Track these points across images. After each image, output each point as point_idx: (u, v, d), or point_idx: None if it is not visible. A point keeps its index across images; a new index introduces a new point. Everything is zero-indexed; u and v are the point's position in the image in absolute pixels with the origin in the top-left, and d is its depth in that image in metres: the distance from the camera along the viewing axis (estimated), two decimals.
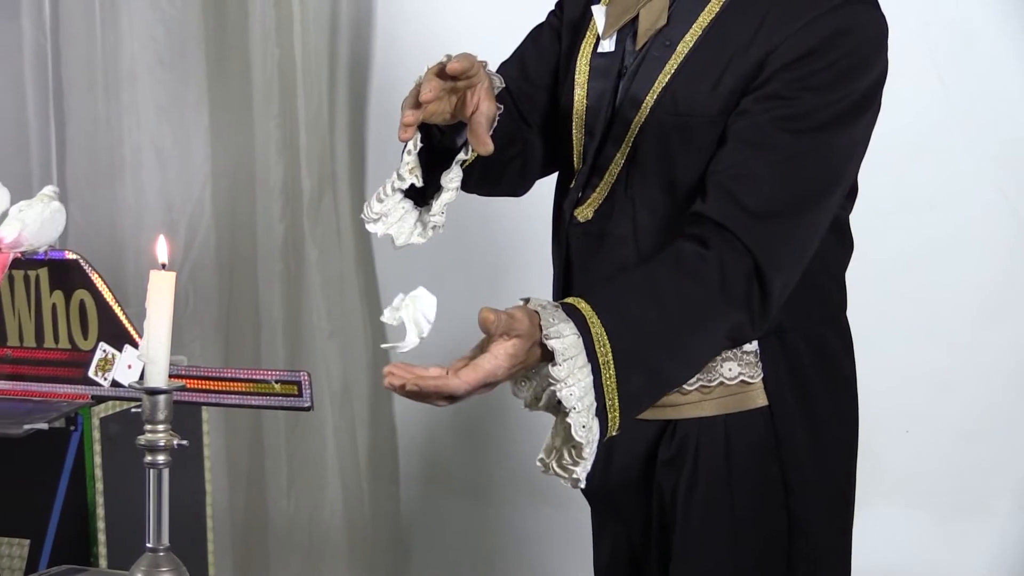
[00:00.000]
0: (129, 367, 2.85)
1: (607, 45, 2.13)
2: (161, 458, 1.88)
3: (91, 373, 2.88)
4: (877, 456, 3.35)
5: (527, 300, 1.80)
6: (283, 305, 3.76)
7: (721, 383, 2.08)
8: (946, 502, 3.32)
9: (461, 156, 2.05)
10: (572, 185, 2.15)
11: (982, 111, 3.22)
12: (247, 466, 3.84)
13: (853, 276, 2.21)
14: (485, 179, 2.19)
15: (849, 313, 2.22)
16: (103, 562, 2.83)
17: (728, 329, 1.91)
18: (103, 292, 2.87)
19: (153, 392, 1.87)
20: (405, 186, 2.07)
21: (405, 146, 2.04)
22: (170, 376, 1.88)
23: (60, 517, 2.85)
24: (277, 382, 2.72)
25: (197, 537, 3.03)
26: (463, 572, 3.84)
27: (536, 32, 2.31)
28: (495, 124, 2.01)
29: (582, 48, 2.16)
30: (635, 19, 2.10)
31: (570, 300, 1.84)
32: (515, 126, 2.22)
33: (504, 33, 3.55)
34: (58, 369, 2.92)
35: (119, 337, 2.86)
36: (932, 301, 3.28)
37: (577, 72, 2.15)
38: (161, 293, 1.86)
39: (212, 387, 2.76)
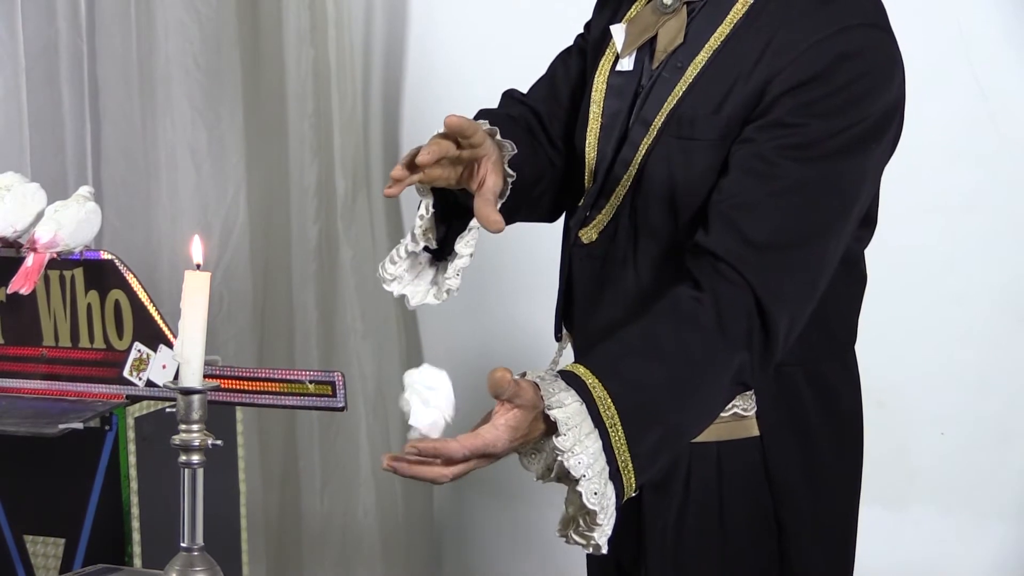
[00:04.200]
0: (164, 367, 2.85)
1: (626, 64, 2.10)
2: (195, 458, 1.89)
3: (126, 373, 2.89)
4: (912, 459, 3.34)
5: (524, 374, 1.78)
6: (317, 305, 3.77)
7: None
8: (981, 504, 3.30)
9: (476, 223, 1.99)
10: (580, 204, 2.12)
11: (1019, 114, 3.21)
12: (281, 466, 3.85)
13: (890, 280, 2.19)
14: (517, 214, 2.17)
15: (886, 317, 2.18)
16: (137, 561, 2.83)
17: (733, 373, 1.85)
18: (138, 292, 2.88)
19: (187, 392, 1.87)
20: (419, 248, 2.06)
21: (418, 207, 2.03)
22: (204, 376, 1.88)
23: (95, 516, 2.86)
24: (311, 382, 2.72)
25: (231, 537, 3.03)
26: (495, 573, 3.84)
27: (565, 53, 2.29)
28: (505, 197, 1.98)
29: (600, 66, 2.13)
30: (654, 38, 2.07)
31: (568, 367, 1.81)
32: (543, 161, 2.20)
33: (536, 32, 3.55)
34: (93, 369, 2.93)
35: (154, 337, 2.87)
36: (969, 303, 3.27)
37: (594, 90, 2.13)
38: (196, 293, 1.86)
39: (246, 387, 2.76)
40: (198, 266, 1.88)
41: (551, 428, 1.75)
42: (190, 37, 3.82)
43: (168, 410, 1.93)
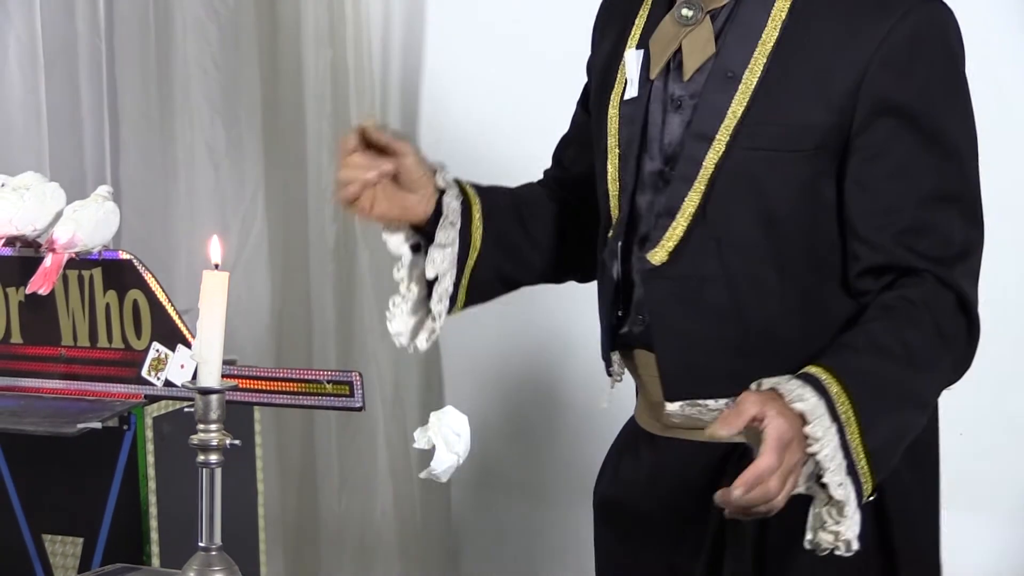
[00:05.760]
0: (182, 367, 2.86)
1: (632, 91, 2.06)
2: (213, 458, 1.89)
3: (144, 373, 2.90)
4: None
5: (760, 384, 1.80)
6: (335, 306, 3.77)
7: None
8: (1001, 504, 3.29)
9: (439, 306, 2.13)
10: (611, 235, 2.08)
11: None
12: (298, 466, 3.85)
13: None
14: (572, 273, 2.21)
15: None
16: (155, 561, 2.84)
17: (952, 364, 1.91)
18: (156, 292, 2.88)
19: (206, 392, 1.87)
20: (408, 305, 2.13)
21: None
22: (222, 376, 1.88)
23: (113, 516, 2.87)
24: (329, 382, 2.72)
25: (249, 537, 3.03)
26: (513, 574, 3.83)
27: (582, 98, 2.26)
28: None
29: (612, 98, 2.10)
30: (676, 52, 2.03)
31: (804, 370, 1.82)
32: (532, 255, 2.22)
33: (555, 33, 3.54)
34: (111, 369, 2.93)
35: (172, 337, 2.87)
36: (992, 303, 3.26)
37: (608, 121, 2.09)
38: (214, 293, 1.86)
39: (264, 387, 2.77)
40: (216, 266, 1.88)
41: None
42: (208, 37, 3.82)
43: (186, 410, 1.93)
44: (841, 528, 1.79)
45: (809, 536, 1.82)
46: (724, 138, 1.96)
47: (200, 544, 1.91)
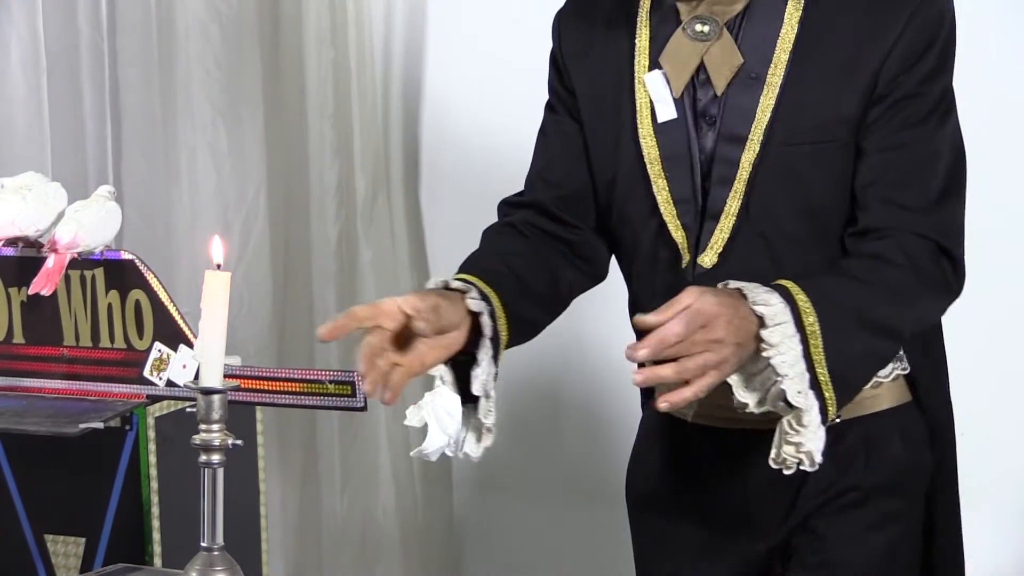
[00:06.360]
0: (184, 367, 2.86)
1: (665, 113, 2.06)
2: (215, 458, 1.89)
3: (146, 373, 2.90)
4: None
5: (726, 284, 1.83)
6: (337, 306, 3.77)
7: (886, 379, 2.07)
8: (1000, 504, 3.29)
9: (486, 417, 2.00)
10: (684, 263, 2.06)
11: None
12: (300, 466, 3.85)
13: None
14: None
15: None
16: (158, 561, 2.84)
17: (931, 301, 1.98)
18: (158, 292, 2.88)
19: (208, 392, 1.87)
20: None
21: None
22: (224, 376, 1.88)
23: (115, 516, 2.87)
24: (331, 382, 2.72)
25: (251, 537, 3.04)
26: (515, 574, 3.83)
27: (558, 115, 2.20)
28: (507, 316, 2.02)
29: (640, 121, 2.08)
30: (699, 68, 2.04)
31: (774, 281, 1.85)
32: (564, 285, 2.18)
33: None
34: (113, 369, 2.94)
35: (174, 337, 2.87)
36: (993, 302, 3.26)
37: (641, 145, 2.07)
38: (216, 293, 1.86)
39: (266, 387, 2.77)
40: (218, 266, 1.89)
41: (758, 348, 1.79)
42: (211, 37, 3.82)
43: (188, 410, 1.93)
44: (802, 439, 1.81)
45: (773, 453, 1.84)
46: (757, 137, 2.00)
47: (202, 544, 1.91)
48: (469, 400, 1.99)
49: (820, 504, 2.07)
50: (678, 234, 2.05)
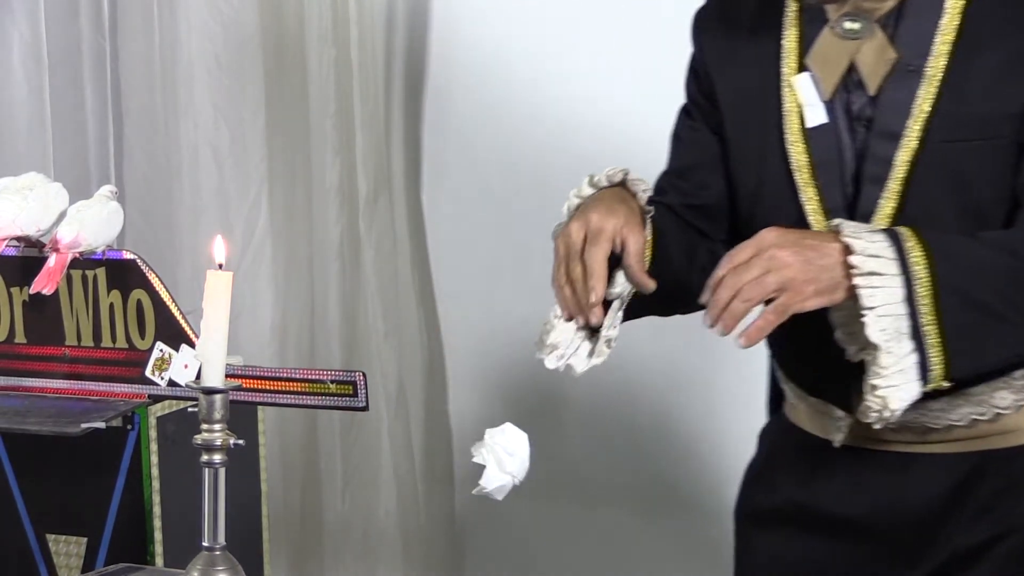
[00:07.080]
0: (186, 367, 2.85)
1: (815, 117, 1.97)
2: (217, 457, 1.89)
3: (148, 373, 2.89)
4: None
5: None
6: (339, 306, 3.77)
7: None
8: None
9: (619, 302, 1.95)
10: None
11: None
12: (302, 466, 3.85)
13: None
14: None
15: None
16: (159, 561, 2.83)
17: None
18: (160, 292, 2.88)
19: (209, 392, 1.87)
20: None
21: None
22: (226, 376, 1.88)
23: (117, 516, 2.86)
24: (332, 382, 2.71)
25: (252, 537, 3.03)
26: (517, 574, 3.83)
27: (696, 121, 2.14)
28: (653, 252, 1.92)
29: (788, 127, 2.00)
30: (850, 68, 1.95)
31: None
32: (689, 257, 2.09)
33: (558, 33, 3.54)
34: (115, 368, 2.93)
35: (176, 337, 2.87)
36: None
37: (790, 151, 1.99)
38: (218, 293, 1.86)
39: (268, 387, 2.76)
40: (220, 266, 1.89)
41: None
42: (212, 37, 3.82)
43: (190, 410, 1.93)
44: (878, 381, 1.71)
45: (864, 405, 1.74)
46: (915, 134, 1.90)
47: (204, 544, 1.91)
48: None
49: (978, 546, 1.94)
50: None
